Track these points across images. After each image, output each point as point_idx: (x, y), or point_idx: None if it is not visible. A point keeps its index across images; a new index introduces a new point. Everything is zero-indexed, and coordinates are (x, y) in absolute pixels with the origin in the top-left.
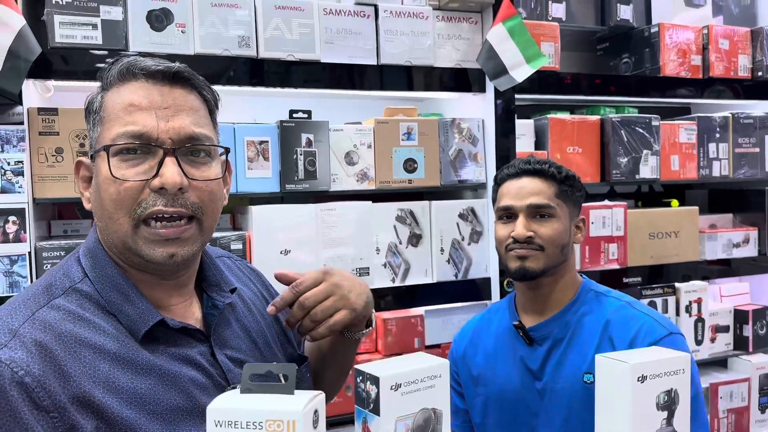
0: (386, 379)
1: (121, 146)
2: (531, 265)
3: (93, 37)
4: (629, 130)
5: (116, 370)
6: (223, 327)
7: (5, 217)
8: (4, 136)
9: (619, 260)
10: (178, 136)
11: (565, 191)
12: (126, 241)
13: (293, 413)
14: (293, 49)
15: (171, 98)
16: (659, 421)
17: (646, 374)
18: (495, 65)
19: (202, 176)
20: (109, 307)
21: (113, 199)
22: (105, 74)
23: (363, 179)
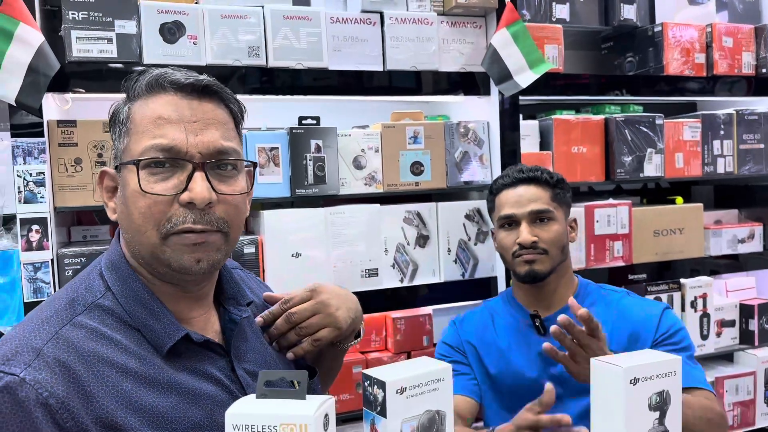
0: (392, 383)
1: (150, 160)
2: (539, 267)
3: (108, 51)
4: (633, 129)
5: (139, 389)
6: (241, 340)
7: (29, 226)
8: (26, 148)
9: (624, 257)
10: (207, 150)
11: (559, 194)
12: (154, 252)
13: (306, 417)
14: (301, 58)
15: (200, 112)
16: (651, 421)
17: (639, 377)
18: (499, 70)
19: (229, 190)
20: (133, 321)
21: (142, 212)
22: (132, 85)
23: (371, 182)
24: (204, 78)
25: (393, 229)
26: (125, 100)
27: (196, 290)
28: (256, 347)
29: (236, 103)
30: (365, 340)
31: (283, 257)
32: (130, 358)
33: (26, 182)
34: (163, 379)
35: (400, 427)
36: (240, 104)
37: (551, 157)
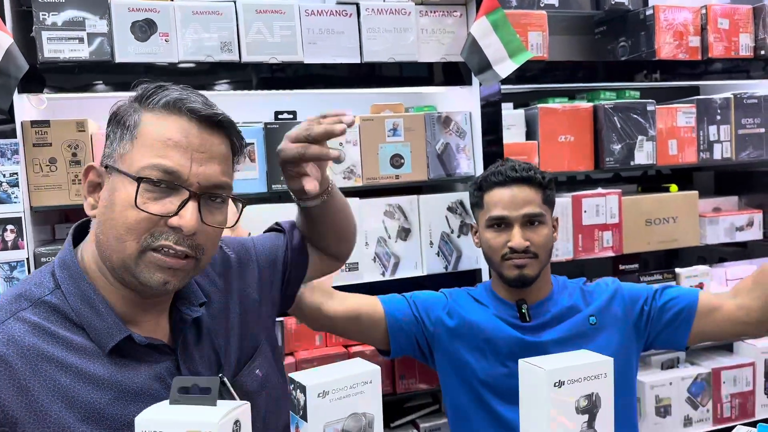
0: (312, 387)
1: (151, 177)
2: (528, 272)
3: (79, 51)
4: (623, 116)
5: (77, 384)
6: (191, 340)
7: (3, 226)
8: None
9: (614, 248)
10: (206, 181)
11: (548, 196)
12: (126, 262)
13: (210, 424)
14: (275, 52)
15: (209, 143)
16: (579, 425)
17: (564, 380)
18: (479, 60)
19: (214, 222)
20: (79, 320)
21: (128, 224)
22: (148, 94)
23: (350, 176)
24: (220, 113)
25: (373, 223)
26: (136, 105)
27: (156, 300)
28: (206, 346)
29: (240, 139)
30: None
31: None
32: (71, 354)
33: (0, 183)
34: (103, 376)
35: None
36: (243, 140)
37: (537, 146)
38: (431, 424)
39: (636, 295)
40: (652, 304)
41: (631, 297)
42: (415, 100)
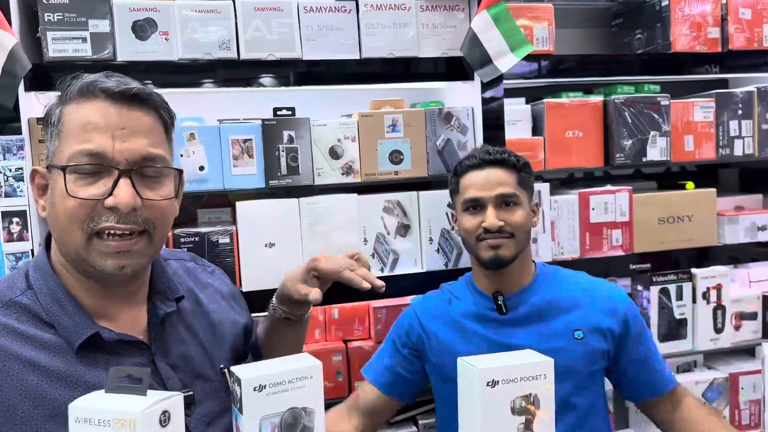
0: (248, 381)
1: (76, 166)
2: (504, 253)
3: (83, 50)
4: (635, 111)
5: (45, 382)
6: (168, 334)
7: (9, 219)
8: (5, 145)
9: (624, 246)
10: (132, 156)
11: (524, 178)
12: (79, 252)
13: (133, 413)
14: (273, 49)
15: (129, 119)
16: (515, 426)
17: (498, 379)
18: (480, 54)
19: (154, 195)
20: (49, 318)
21: (68, 214)
22: (65, 88)
23: (348, 172)
24: (135, 86)
25: (372, 219)
26: (58, 102)
27: (122, 288)
28: (185, 340)
29: (167, 110)
30: (348, 329)
31: (258, 247)
32: (40, 353)
33: (6, 177)
34: (71, 374)
35: (258, 424)
36: (171, 111)
37: (543, 142)
38: (430, 421)
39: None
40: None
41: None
42: (422, 96)
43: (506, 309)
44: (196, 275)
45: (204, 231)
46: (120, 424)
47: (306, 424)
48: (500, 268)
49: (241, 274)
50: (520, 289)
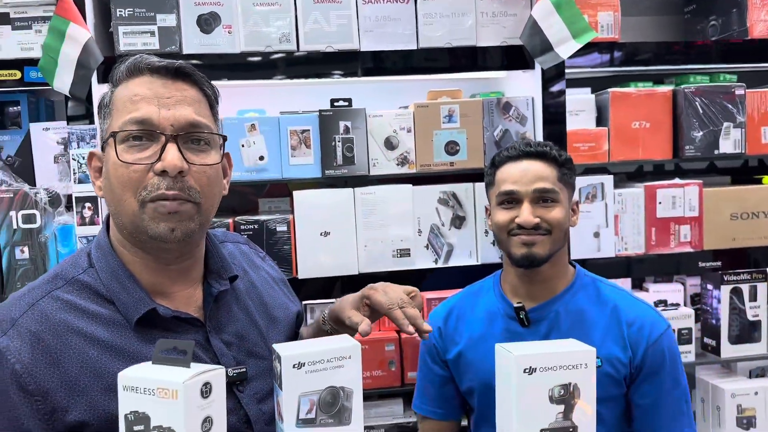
0: (287, 358)
1: (127, 132)
2: (538, 251)
3: (151, 44)
4: (707, 101)
5: (104, 356)
6: (222, 312)
7: (82, 204)
8: (79, 134)
9: (693, 243)
10: (178, 122)
11: (566, 175)
12: (134, 220)
13: (175, 384)
14: (332, 41)
15: (173, 89)
16: (554, 415)
17: (535, 366)
18: (540, 42)
19: (200, 161)
20: (109, 295)
21: (122, 181)
22: (114, 73)
23: (403, 163)
24: (177, 62)
25: (427, 210)
26: (109, 87)
27: (177, 264)
28: (239, 318)
29: (209, 86)
30: None
31: (313, 236)
32: (100, 328)
33: (80, 164)
34: (129, 349)
35: (297, 401)
36: (214, 88)
37: (607, 133)
38: None
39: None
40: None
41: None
42: (482, 87)
43: (528, 322)
44: (251, 258)
45: (263, 219)
46: (163, 394)
47: (344, 404)
48: (533, 267)
49: (297, 262)
50: (549, 299)
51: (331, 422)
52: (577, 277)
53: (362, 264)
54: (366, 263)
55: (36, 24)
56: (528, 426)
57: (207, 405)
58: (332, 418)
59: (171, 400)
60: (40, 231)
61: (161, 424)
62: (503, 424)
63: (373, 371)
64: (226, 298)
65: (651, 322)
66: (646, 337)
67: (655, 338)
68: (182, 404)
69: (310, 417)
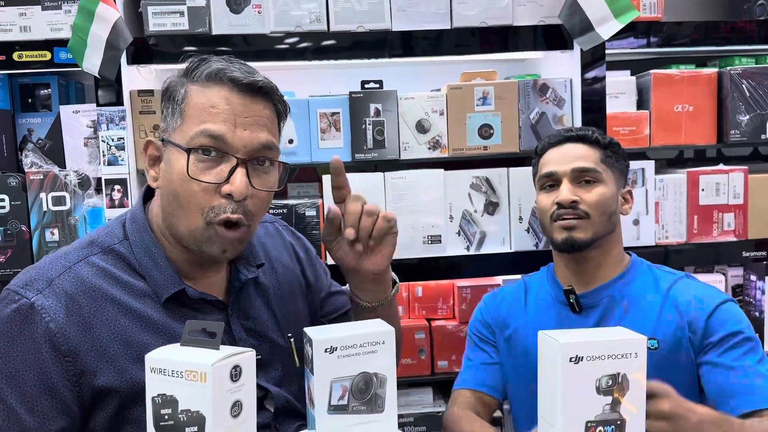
0: (319, 342)
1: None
2: (579, 235)
3: (181, 24)
4: (754, 83)
5: (134, 326)
6: (245, 299)
7: (111, 186)
8: (108, 116)
9: (737, 232)
10: (251, 145)
11: (610, 157)
12: (194, 234)
13: (204, 366)
14: (363, 20)
15: (251, 110)
16: (601, 406)
17: (582, 355)
18: (579, 21)
19: (263, 186)
20: (141, 269)
21: (189, 195)
22: (192, 68)
23: (435, 147)
24: (260, 79)
25: (459, 196)
26: (183, 80)
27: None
28: (259, 306)
29: (283, 102)
30: (431, 308)
31: None
32: (132, 298)
33: (109, 147)
34: (158, 323)
35: (329, 386)
36: (286, 104)
37: (648, 116)
38: None
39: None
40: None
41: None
42: (518, 69)
43: (579, 308)
44: (277, 238)
45: (292, 203)
46: (192, 376)
47: (377, 391)
48: (573, 251)
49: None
50: (601, 285)
51: (363, 409)
52: (632, 264)
53: None
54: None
55: (66, 3)
56: (573, 418)
57: (237, 389)
58: (365, 405)
59: (199, 383)
60: (70, 213)
61: (189, 408)
62: (547, 416)
63: (402, 359)
64: (249, 284)
65: (709, 296)
66: (704, 309)
67: (713, 308)
68: (211, 387)
69: (342, 403)
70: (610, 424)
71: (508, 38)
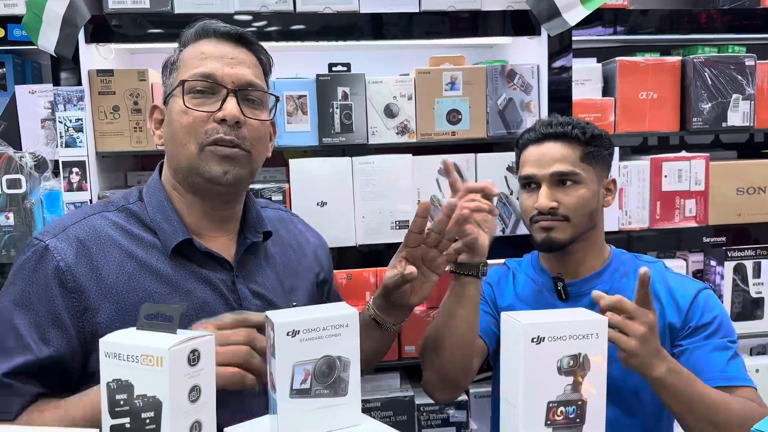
0: (281, 325)
1: (193, 83)
2: (557, 236)
3: (142, 2)
4: (716, 72)
5: (140, 273)
6: (252, 263)
7: (69, 169)
8: (66, 96)
9: (698, 217)
10: (238, 80)
11: (591, 153)
12: (192, 162)
13: (161, 350)
14: (330, 2)
15: (235, 52)
16: (562, 387)
17: (543, 336)
18: (548, 6)
19: (254, 116)
20: (152, 225)
21: (184, 127)
22: (183, 36)
23: (403, 132)
24: (241, 30)
25: (427, 181)
26: (177, 49)
27: (220, 210)
28: (265, 273)
29: (266, 54)
30: None
31: (310, 206)
32: (140, 249)
33: (67, 128)
34: (163, 272)
35: (291, 370)
36: (269, 57)
37: (613, 103)
38: None
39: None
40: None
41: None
42: (484, 55)
43: (567, 295)
44: (288, 225)
45: (258, 188)
46: (148, 361)
47: (341, 375)
48: (553, 251)
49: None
50: (588, 275)
51: (326, 393)
52: (614, 255)
53: (360, 235)
54: (364, 235)
55: None
56: (535, 399)
57: (195, 373)
58: (328, 389)
59: (156, 367)
60: (26, 197)
61: (145, 393)
62: (509, 397)
63: (405, 346)
64: (257, 251)
65: (687, 285)
66: (684, 297)
67: (692, 296)
68: (168, 372)
69: (304, 387)
70: (571, 404)
71: (476, 23)
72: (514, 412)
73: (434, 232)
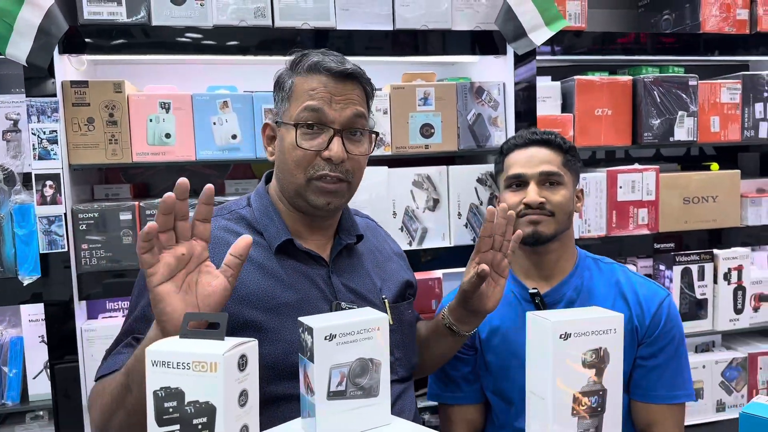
0: (319, 330)
1: (304, 122)
2: (543, 229)
3: (118, 13)
4: (663, 90)
5: (246, 269)
6: (345, 261)
7: (43, 182)
8: (40, 107)
9: (650, 225)
10: (344, 119)
11: (570, 161)
12: (299, 190)
13: (215, 356)
14: (308, 17)
15: (343, 91)
16: (586, 379)
17: (570, 332)
18: (514, 28)
19: (356, 152)
20: (259, 226)
21: (295, 161)
22: (296, 62)
23: (379, 144)
24: (350, 67)
25: (402, 192)
26: (289, 72)
27: (321, 223)
28: (358, 271)
29: (370, 85)
30: None
31: None
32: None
33: (40, 140)
34: (268, 266)
35: (328, 373)
36: (372, 86)
37: (572, 119)
38: None
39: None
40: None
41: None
42: (450, 71)
43: (544, 306)
44: (375, 231)
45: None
46: (200, 367)
47: (373, 375)
48: (538, 245)
49: None
50: (560, 282)
51: (360, 394)
52: (580, 258)
53: None
54: None
55: None
56: (563, 391)
57: (243, 378)
58: (361, 390)
59: (209, 373)
60: None
61: (197, 399)
62: (537, 390)
63: None
64: (350, 253)
65: (653, 292)
66: (649, 304)
67: (657, 304)
68: (222, 377)
69: (340, 389)
70: (595, 394)
71: (446, 42)
72: (542, 404)
73: (498, 235)
